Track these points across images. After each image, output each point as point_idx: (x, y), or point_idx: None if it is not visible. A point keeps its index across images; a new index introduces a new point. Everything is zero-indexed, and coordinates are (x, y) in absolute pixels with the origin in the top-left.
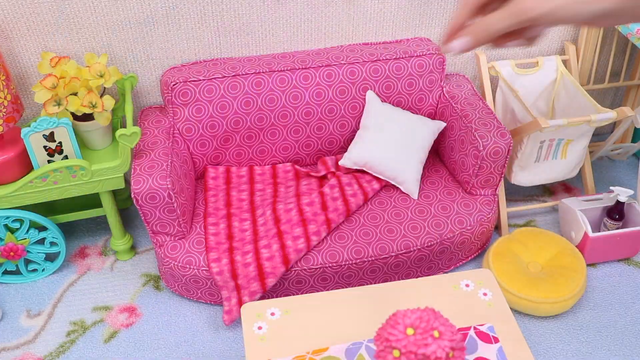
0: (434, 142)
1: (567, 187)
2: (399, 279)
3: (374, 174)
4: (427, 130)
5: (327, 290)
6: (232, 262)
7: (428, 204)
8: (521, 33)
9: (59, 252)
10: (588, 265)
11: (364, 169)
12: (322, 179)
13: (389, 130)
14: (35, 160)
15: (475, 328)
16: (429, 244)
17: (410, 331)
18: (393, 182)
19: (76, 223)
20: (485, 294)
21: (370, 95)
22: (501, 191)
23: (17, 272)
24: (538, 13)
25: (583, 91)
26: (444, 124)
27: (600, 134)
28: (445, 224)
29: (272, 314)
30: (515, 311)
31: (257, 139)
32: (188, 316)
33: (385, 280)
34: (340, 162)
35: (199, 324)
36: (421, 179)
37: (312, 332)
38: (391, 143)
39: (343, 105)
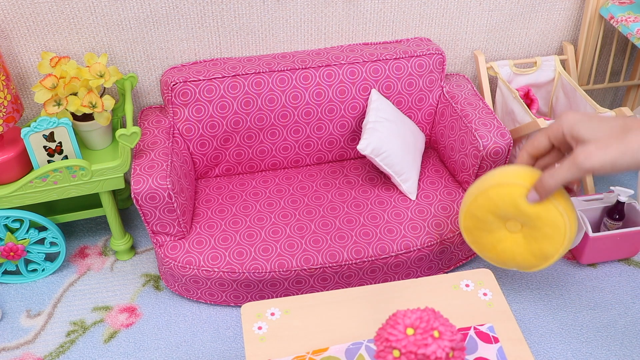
0: (434, 142)
1: (567, 187)
2: (399, 279)
3: (382, 165)
4: (421, 136)
5: (327, 290)
6: None
7: (428, 204)
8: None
9: (59, 252)
10: (588, 265)
11: (377, 159)
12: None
13: (399, 127)
14: (35, 160)
15: (475, 328)
16: (429, 244)
17: (410, 331)
18: (398, 179)
19: (76, 223)
20: (485, 294)
21: (376, 94)
22: None
23: (17, 272)
24: (592, 165)
25: (581, 91)
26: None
27: None
28: (445, 224)
29: (272, 314)
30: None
31: (257, 139)
32: (188, 316)
33: (385, 280)
34: (359, 147)
35: (199, 324)
36: (421, 178)
37: (312, 332)
38: (403, 139)
39: (343, 105)
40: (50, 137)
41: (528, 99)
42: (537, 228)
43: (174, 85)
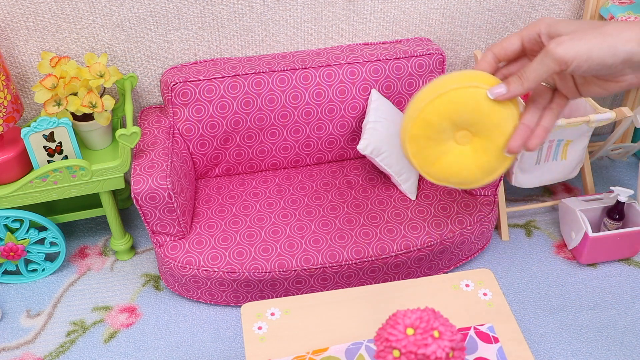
0: None
1: (567, 187)
2: (399, 279)
3: (382, 165)
4: None
5: (327, 290)
6: None
7: (428, 204)
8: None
9: (59, 252)
10: (588, 265)
11: (377, 159)
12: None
13: (399, 127)
14: (35, 160)
15: (475, 328)
16: (429, 244)
17: (410, 331)
18: (398, 179)
19: (76, 223)
20: (485, 294)
21: (375, 94)
22: (501, 191)
23: (17, 272)
24: (565, 53)
25: None
26: None
27: (600, 134)
28: (445, 224)
29: (272, 314)
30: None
31: (257, 139)
32: (188, 316)
33: (385, 280)
34: (359, 147)
35: (199, 324)
36: (421, 178)
37: (312, 332)
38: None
39: (343, 105)
40: (50, 137)
41: (528, 98)
42: (490, 138)
43: (174, 85)
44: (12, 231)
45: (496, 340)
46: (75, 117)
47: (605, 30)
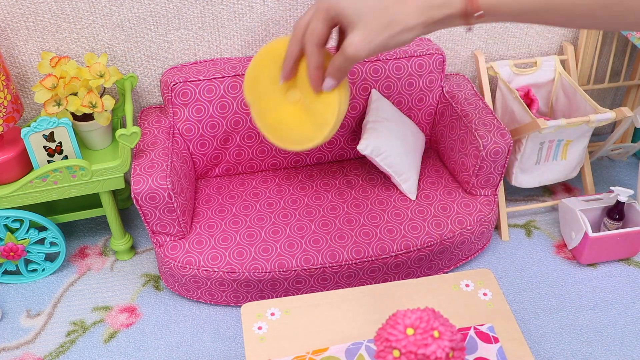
0: (434, 142)
1: (567, 187)
2: (399, 279)
3: (382, 165)
4: (421, 136)
5: (327, 290)
6: None
7: (428, 204)
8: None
9: (59, 252)
10: (588, 265)
11: (377, 159)
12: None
13: (399, 127)
14: (35, 160)
15: (475, 328)
16: (429, 244)
17: (410, 331)
18: (398, 179)
19: (76, 223)
20: (485, 294)
21: (376, 94)
22: (501, 191)
23: (17, 272)
24: (364, 55)
25: (581, 91)
26: (423, 136)
27: (600, 134)
28: (445, 224)
29: (272, 314)
30: None
31: (257, 139)
32: (188, 316)
33: (385, 280)
34: (359, 147)
35: (199, 324)
36: (421, 178)
37: (312, 332)
38: (402, 139)
39: None
40: (50, 137)
41: (528, 99)
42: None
43: (174, 85)
44: (12, 231)
45: (496, 340)
46: (75, 117)
47: (392, 19)
